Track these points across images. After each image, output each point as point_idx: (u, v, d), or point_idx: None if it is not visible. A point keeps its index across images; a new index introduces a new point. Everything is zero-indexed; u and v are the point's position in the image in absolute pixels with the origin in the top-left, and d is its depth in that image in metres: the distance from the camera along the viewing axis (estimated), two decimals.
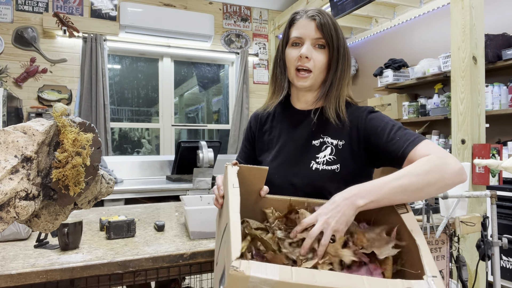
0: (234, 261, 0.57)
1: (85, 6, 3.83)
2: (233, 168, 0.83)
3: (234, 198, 0.73)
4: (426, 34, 3.73)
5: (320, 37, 1.00)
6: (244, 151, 1.24)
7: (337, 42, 1.01)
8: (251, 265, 0.57)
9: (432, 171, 0.81)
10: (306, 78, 1.02)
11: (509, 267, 2.45)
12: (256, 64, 4.60)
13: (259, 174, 0.87)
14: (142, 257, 1.05)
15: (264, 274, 0.56)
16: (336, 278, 0.59)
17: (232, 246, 0.60)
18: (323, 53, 1.01)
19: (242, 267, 0.57)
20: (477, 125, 1.98)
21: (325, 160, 1.01)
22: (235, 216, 0.68)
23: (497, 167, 1.45)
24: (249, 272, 0.56)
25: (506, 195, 2.50)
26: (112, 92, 4.10)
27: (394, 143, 0.92)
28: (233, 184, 0.77)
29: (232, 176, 0.80)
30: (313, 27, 1.00)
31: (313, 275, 0.58)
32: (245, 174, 0.86)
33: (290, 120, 1.12)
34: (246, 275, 0.56)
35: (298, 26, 1.02)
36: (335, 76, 1.03)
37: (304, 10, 1.04)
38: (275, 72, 1.12)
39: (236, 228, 0.65)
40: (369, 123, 1.00)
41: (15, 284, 0.93)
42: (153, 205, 1.90)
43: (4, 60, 3.51)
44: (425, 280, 0.62)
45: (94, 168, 0.90)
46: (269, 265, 0.59)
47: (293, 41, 1.03)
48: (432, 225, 1.42)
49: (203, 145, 2.85)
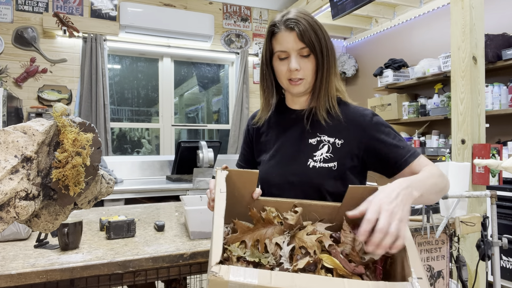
0: (214, 266, 0.59)
1: (85, 6, 3.83)
2: (222, 173, 0.84)
3: (219, 203, 0.74)
4: (426, 34, 3.73)
5: (303, 47, 1.00)
6: (244, 154, 1.25)
7: (319, 45, 1.00)
8: (231, 270, 0.58)
9: (445, 178, 0.93)
10: (300, 84, 1.03)
11: (509, 267, 2.45)
12: (256, 64, 4.60)
13: (250, 178, 0.87)
14: (142, 257, 1.05)
15: (242, 279, 0.57)
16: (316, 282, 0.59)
17: (213, 251, 0.61)
18: (309, 60, 1.02)
19: (221, 272, 0.58)
20: (477, 125, 1.98)
21: (322, 158, 1.02)
22: (218, 221, 0.69)
23: (497, 167, 1.45)
24: (228, 277, 0.57)
25: (506, 195, 2.50)
26: (112, 92, 4.10)
27: (398, 151, 0.98)
28: (220, 189, 0.78)
29: (220, 180, 0.81)
30: (294, 38, 0.99)
31: (293, 279, 0.58)
32: (236, 178, 0.86)
33: (286, 120, 1.13)
34: (225, 280, 0.57)
35: (280, 40, 1.02)
36: (323, 76, 1.04)
37: (280, 20, 1.02)
38: (263, 84, 1.12)
39: (219, 233, 0.65)
40: (375, 127, 1.02)
41: (15, 284, 0.93)
42: (153, 205, 1.90)
43: (4, 60, 3.51)
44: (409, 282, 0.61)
45: (94, 168, 0.90)
46: (249, 270, 0.59)
47: (278, 55, 1.04)
48: (432, 225, 1.42)
49: (203, 145, 2.85)
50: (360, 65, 4.65)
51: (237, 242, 0.80)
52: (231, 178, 0.85)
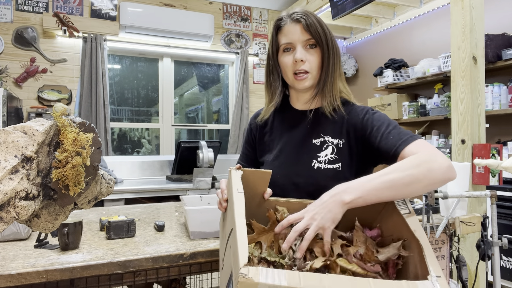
0: (243, 268, 0.58)
1: (85, 6, 3.83)
2: (237, 173, 0.83)
3: (239, 203, 0.73)
4: (426, 34, 3.73)
5: (309, 38, 1.02)
6: (246, 153, 1.25)
7: (325, 38, 1.02)
8: (260, 272, 0.58)
9: (420, 167, 0.81)
10: (305, 78, 1.04)
11: (509, 267, 2.45)
12: (256, 64, 4.60)
13: (263, 177, 0.87)
14: (142, 257, 1.05)
15: (272, 281, 0.57)
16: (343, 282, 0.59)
17: (240, 253, 0.61)
18: (315, 52, 1.03)
19: (250, 274, 0.57)
20: (477, 125, 1.98)
21: (327, 159, 1.02)
22: (241, 222, 0.68)
23: (497, 167, 1.45)
24: (258, 279, 0.57)
25: (506, 195, 2.50)
26: (112, 92, 4.10)
27: (387, 142, 0.93)
28: (237, 189, 0.77)
29: (237, 180, 0.80)
30: (300, 29, 1.01)
31: (321, 279, 0.58)
32: (248, 178, 0.86)
33: (290, 120, 1.13)
34: (255, 282, 0.57)
35: (286, 32, 1.04)
36: (327, 71, 1.04)
37: (287, 15, 1.05)
38: (269, 79, 1.13)
39: (243, 235, 0.65)
40: (366, 122, 1.01)
41: (15, 284, 0.93)
42: (153, 205, 1.90)
43: (4, 60, 3.51)
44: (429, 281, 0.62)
45: (94, 168, 0.90)
46: (277, 271, 0.59)
47: (284, 47, 1.05)
48: (432, 225, 1.42)
49: (203, 145, 2.85)
50: (360, 65, 4.65)
51: (253, 243, 0.80)
52: (244, 177, 0.85)
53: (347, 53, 4.75)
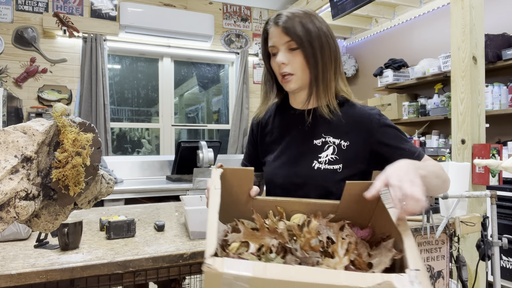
0: (208, 259, 0.58)
1: (85, 6, 3.83)
2: (217, 171, 0.85)
3: (213, 199, 0.75)
4: (426, 34, 3.73)
5: (288, 40, 1.00)
6: (248, 154, 1.26)
7: (308, 37, 0.99)
8: (225, 262, 0.58)
9: (443, 170, 0.93)
10: (290, 81, 1.03)
11: (509, 267, 2.45)
12: (256, 64, 4.60)
13: (246, 175, 0.87)
14: (142, 257, 1.05)
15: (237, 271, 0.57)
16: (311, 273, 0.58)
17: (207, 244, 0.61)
18: (297, 53, 1.01)
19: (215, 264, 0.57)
20: (477, 125, 1.98)
21: (327, 160, 1.02)
22: (212, 216, 0.69)
23: (497, 167, 1.45)
24: (222, 269, 0.57)
25: (506, 195, 2.50)
26: (112, 92, 4.10)
27: (401, 154, 0.97)
28: (214, 186, 0.79)
29: (215, 178, 0.82)
30: (279, 33, 1.00)
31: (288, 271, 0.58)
32: (231, 176, 0.86)
33: (290, 120, 1.12)
34: (220, 272, 0.56)
35: (270, 36, 1.04)
36: (317, 71, 1.01)
37: (272, 18, 1.04)
38: (264, 79, 1.15)
39: (213, 227, 0.66)
40: (381, 130, 1.01)
41: (15, 284, 0.93)
42: (153, 205, 1.90)
43: (4, 60, 3.51)
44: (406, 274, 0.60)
45: (94, 168, 0.90)
46: (243, 262, 0.59)
47: (271, 51, 1.05)
48: (432, 225, 1.42)
49: (203, 145, 2.85)
50: (360, 65, 4.65)
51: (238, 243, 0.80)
52: (226, 176, 0.85)
53: (347, 53, 4.75)
